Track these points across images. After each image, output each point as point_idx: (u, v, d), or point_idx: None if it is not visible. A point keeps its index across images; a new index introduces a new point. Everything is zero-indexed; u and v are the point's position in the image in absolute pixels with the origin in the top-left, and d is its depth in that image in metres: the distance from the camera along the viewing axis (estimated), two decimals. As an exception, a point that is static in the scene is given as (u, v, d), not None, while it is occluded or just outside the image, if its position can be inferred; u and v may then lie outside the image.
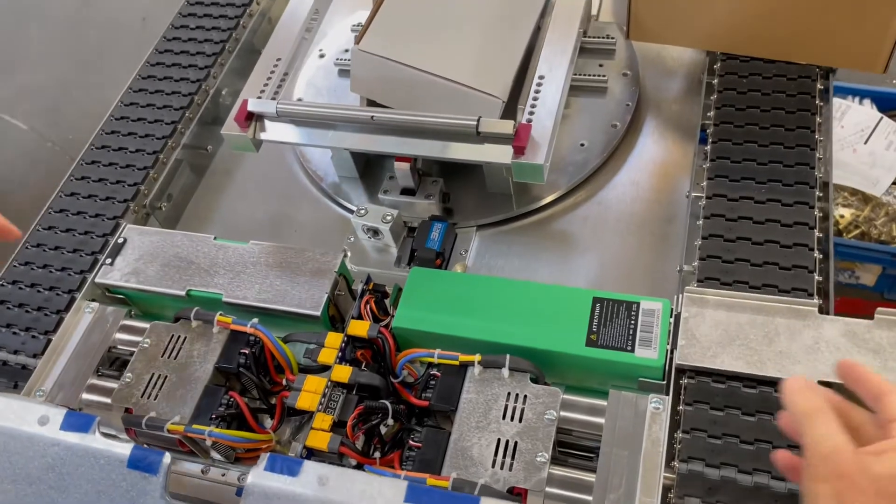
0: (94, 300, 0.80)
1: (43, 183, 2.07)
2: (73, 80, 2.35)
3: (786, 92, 0.81)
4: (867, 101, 1.50)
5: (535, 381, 0.65)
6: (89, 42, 2.46)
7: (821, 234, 0.71)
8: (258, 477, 0.54)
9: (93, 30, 2.50)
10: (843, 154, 1.45)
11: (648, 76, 0.95)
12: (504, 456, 0.61)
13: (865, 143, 1.44)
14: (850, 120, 1.47)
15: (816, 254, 0.70)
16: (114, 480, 0.56)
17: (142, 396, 0.69)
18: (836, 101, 1.50)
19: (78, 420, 0.58)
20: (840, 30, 0.78)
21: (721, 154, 0.78)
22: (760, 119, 0.80)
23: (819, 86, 0.81)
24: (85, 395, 0.73)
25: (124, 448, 0.57)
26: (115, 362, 0.78)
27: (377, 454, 0.66)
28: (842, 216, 1.41)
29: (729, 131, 0.79)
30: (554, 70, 0.80)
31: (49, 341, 0.77)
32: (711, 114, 0.82)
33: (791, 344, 0.64)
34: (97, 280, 0.80)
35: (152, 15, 2.38)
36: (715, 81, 0.84)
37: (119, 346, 0.77)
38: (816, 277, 0.68)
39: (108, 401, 0.70)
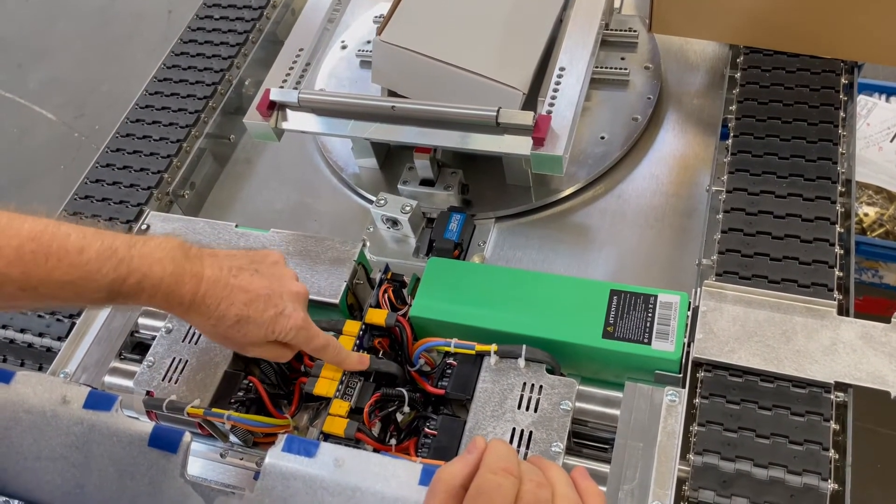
0: (117, 285, 0.81)
1: (70, 171, 2.11)
2: (101, 72, 2.38)
3: (809, 86, 0.80)
4: (894, 99, 1.48)
5: (550, 371, 0.65)
6: (116, 35, 2.49)
7: (842, 230, 0.71)
8: (275, 457, 0.55)
9: (119, 23, 2.53)
10: (869, 152, 1.43)
11: (670, 70, 0.94)
12: (519, 445, 0.61)
13: (892, 140, 1.42)
14: (877, 118, 1.45)
15: (837, 249, 0.69)
16: (134, 459, 0.57)
17: (163, 380, 0.70)
18: (862, 99, 1.48)
19: (100, 399, 0.59)
20: (866, 23, 0.77)
21: (742, 148, 0.77)
22: (783, 113, 0.79)
23: (844, 80, 0.81)
24: (107, 378, 0.74)
25: (145, 427, 0.58)
26: (137, 346, 0.79)
27: (393, 441, 0.67)
28: (866, 214, 1.39)
29: (751, 125, 0.79)
30: (575, 62, 0.80)
31: (73, 325, 0.78)
32: (734, 108, 0.81)
33: (808, 343, 0.64)
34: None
35: (177, 8, 2.41)
36: (738, 75, 0.84)
37: (141, 331, 0.78)
38: (837, 273, 0.68)
39: (131, 384, 0.71)
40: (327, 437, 0.64)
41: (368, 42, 1.03)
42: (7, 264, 0.50)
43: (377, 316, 0.70)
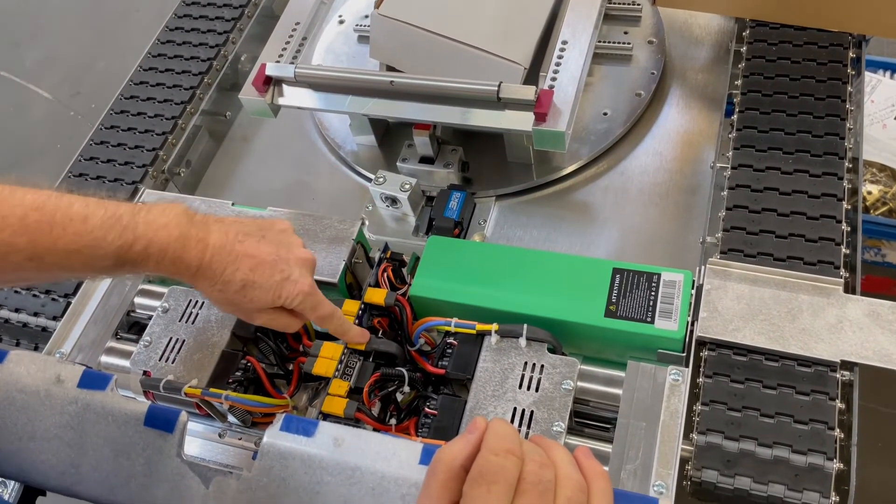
0: (112, 264, 0.80)
1: (66, 150, 2.09)
2: (97, 50, 2.35)
3: (816, 60, 0.79)
4: (899, 76, 1.47)
5: (552, 351, 0.64)
6: (112, 12, 2.46)
7: (849, 207, 0.69)
8: (273, 437, 0.54)
9: (115, 0, 2.49)
10: (873, 129, 1.42)
11: (674, 44, 0.92)
12: (520, 425, 0.61)
13: (896, 118, 1.41)
14: (881, 94, 1.44)
15: (844, 226, 0.68)
16: (130, 438, 0.56)
17: (160, 360, 0.69)
18: (867, 76, 1.46)
19: (95, 378, 0.58)
20: (875, -4, 0.76)
21: (748, 123, 0.76)
22: (789, 88, 0.77)
23: (851, 54, 0.79)
24: (104, 358, 0.74)
25: (141, 406, 0.57)
26: (133, 326, 0.78)
27: (393, 421, 0.66)
28: (869, 192, 1.38)
29: (757, 100, 0.77)
30: (577, 36, 0.78)
31: (69, 304, 0.77)
32: (739, 82, 0.80)
33: (814, 321, 0.63)
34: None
35: (173, -17, 2.37)
36: (743, 49, 0.82)
37: (137, 310, 0.77)
38: (844, 250, 0.67)
39: (127, 363, 0.70)
40: (326, 416, 0.63)
41: (366, 16, 1.01)
42: (12, 233, 0.50)
43: (376, 295, 0.69)
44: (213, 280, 0.58)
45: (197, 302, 0.72)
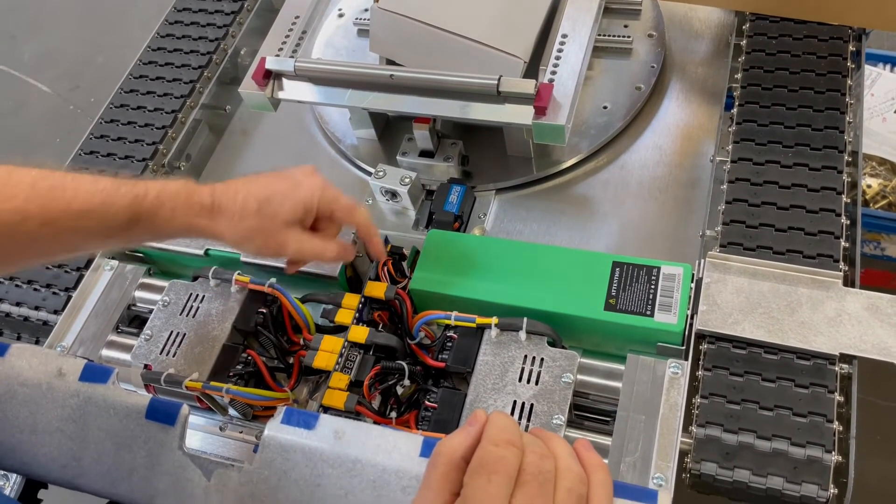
0: (113, 258, 0.80)
1: (66, 144, 2.09)
2: (96, 44, 2.35)
3: (816, 53, 0.79)
4: (899, 69, 1.46)
5: (552, 344, 0.65)
6: (111, 5, 2.46)
7: (848, 200, 0.69)
8: (274, 430, 0.54)
9: (113, -9, 2.49)
10: (872, 123, 1.42)
11: (675, 38, 0.92)
12: (520, 418, 0.61)
13: (896, 111, 1.40)
14: (881, 88, 1.43)
15: (843, 219, 0.68)
16: (132, 431, 0.57)
17: (161, 353, 0.69)
18: (867, 69, 1.45)
19: (96, 372, 0.59)
20: (875, -11, 0.76)
21: (748, 117, 0.76)
22: (789, 81, 0.77)
23: (851, 48, 0.79)
24: (104, 352, 0.74)
25: (142, 399, 0.58)
26: (134, 320, 0.78)
27: (393, 414, 0.66)
28: (869, 186, 1.38)
29: (756, 94, 0.77)
30: (577, 29, 0.78)
31: (69, 298, 0.78)
32: (739, 76, 0.80)
33: (813, 315, 0.63)
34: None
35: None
36: (743, 43, 0.82)
37: (138, 304, 0.77)
38: (843, 244, 0.67)
39: (128, 357, 0.70)
40: (327, 410, 0.63)
41: (366, 10, 1.01)
42: (25, 200, 0.51)
43: (377, 289, 0.69)
44: (230, 212, 0.59)
45: (197, 296, 0.72)
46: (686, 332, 0.64)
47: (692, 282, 0.66)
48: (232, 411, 0.68)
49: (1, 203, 0.51)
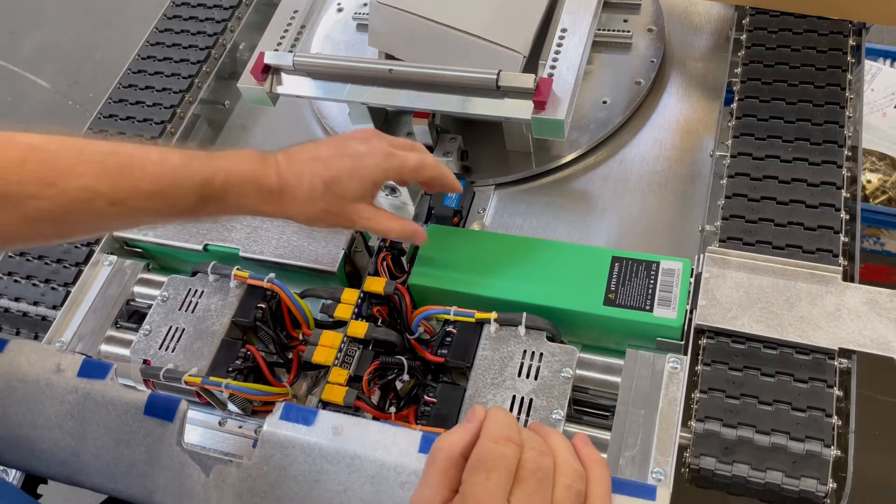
0: (112, 253, 0.80)
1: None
2: (95, 39, 2.34)
3: (816, 48, 0.79)
4: (899, 64, 1.46)
5: (551, 339, 0.65)
6: (110, 0, 2.45)
7: (848, 195, 0.69)
8: (273, 426, 0.54)
9: (112, -13, 2.48)
10: (872, 118, 1.42)
11: (674, 32, 0.92)
12: (519, 413, 0.61)
13: (896, 106, 1.40)
14: (881, 83, 1.43)
15: (843, 214, 0.68)
16: (130, 427, 0.57)
17: (160, 349, 0.69)
18: (867, 64, 1.45)
19: (95, 367, 0.59)
20: (876, -17, 0.75)
21: (747, 112, 0.76)
22: (789, 76, 0.77)
23: (851, 42, 0.79)
24: (103, 347, 0.74)
25: (141, 395, 0.58)
26: (133, 315, 0.78)
27: (392, 409, 0.66)
28: (869, 181, 1.38)
29: (756, 88, 0.77)
30: (577, 23, 0.78)
31: (68, 293, 0.77)
32: (739, 70, 0.79)
33: (812, 309, 0.63)
34: (115, 233, 0.80)
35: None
36: (743, 37, 0.82)
37: (137, 299, 0.77)
38: (842, 238, 0.67)
39: (127, 352, 0.70)
40: (326, 405, 0.63)
41: (365, 4, 1.00)
42: (95, 178, 0.50)
43: (376, 284, 0.69)
44: (297, 194, 0.58)
45: (196, 291, 0.72)
46: (685, 327, 0.64)
47: (691, 276, 0.66)
48: (231, 406, 0.68)
49: (72, 179, 0.50)
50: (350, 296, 0.69)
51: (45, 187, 0.49)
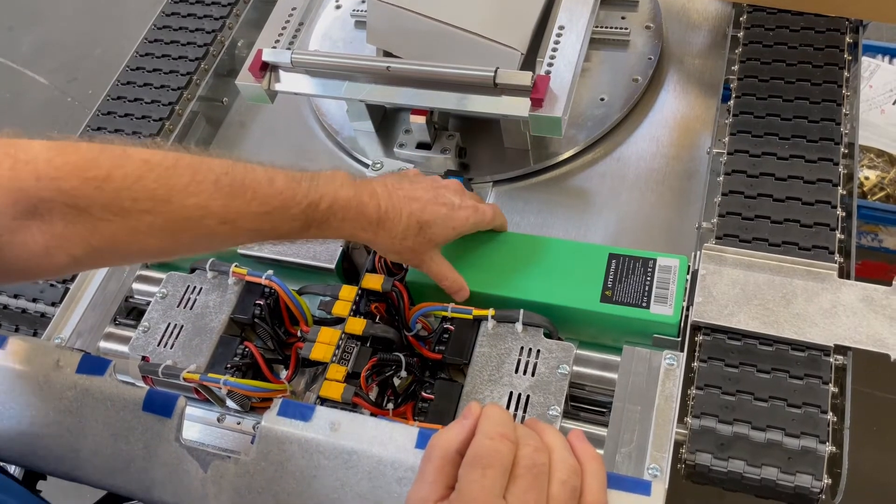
0: (110, 250, 0.80)
1: (62, 136, 2.09)
2: (94, 36, 2.34)
3: (813, 45, 0.79)
4: (897, 61, 1.46)
5: (548, 335, 0.65)
6: (108, -5, 2.45)
7: (844, 192, 0.70)
8: (271, 421, 0.55)
9: (111, -17, 2.48)
10: (871, 115, 1.42)
11: (672, 29, 0.92)
12: (516, 409, 0.61)
13: (894, 103, 1.40)
14: (879, 80, 1.43)
15: (839, 212, 0.68)
16: (129, 423, 0.57)
17: (158, 345, 0.69)
18: (865, 61, 1.46)
19: (93, 363, 0.59)
20: (873, -20, 0.76)
21: (744, 109, 0.76)
22: (786, 73, 0.77)
23: (848, 40, 0.79)
24: (102, 344, 0.74)
25: (139, 391, 0.58)
26: (131, 312, 0.79)
27: (390, 406, 0.66)
28: (867, 178, 1.38)
29: (753, 86, 0.77)
30: (574, 20, 0.78)
31: (67, 290, 0.78)
32: (736, 68, 0.80)
33: (808, 306, 0.64)
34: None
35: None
36: (740, 34, 0.82)
37: (136, 296, 0.77)
38: (838, 235, 0.67)
39: (126, 349, 0.70)
40: (324, 401, 0.64)
41: (363, 1, 1.00)
42: (208, 197, 0.51)
43: (374, 281, 0.69)
44: (393, 230, 0.60)
45: (195, 287, 0.72)
46: (682, 324, 0.64)
47: (688, 273, 0.66)
48: (230, 403, 0.68)
49: (187, 197, 0.50)
50: (348, 293, 0.69)
51: (160, 203, 0.49)
